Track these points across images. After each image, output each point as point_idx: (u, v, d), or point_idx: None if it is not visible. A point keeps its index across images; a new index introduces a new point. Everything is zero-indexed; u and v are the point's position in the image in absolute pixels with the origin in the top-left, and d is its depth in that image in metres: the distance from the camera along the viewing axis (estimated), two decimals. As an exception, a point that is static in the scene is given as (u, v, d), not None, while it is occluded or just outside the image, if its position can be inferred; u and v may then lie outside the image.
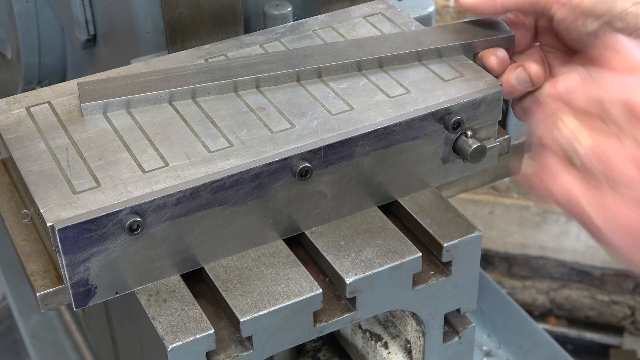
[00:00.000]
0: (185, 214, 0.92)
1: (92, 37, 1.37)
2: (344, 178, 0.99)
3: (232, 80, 1.04)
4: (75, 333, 1.69)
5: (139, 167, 0.94)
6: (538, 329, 1.71)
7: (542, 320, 3.18)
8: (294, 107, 1.02)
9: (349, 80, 1.06)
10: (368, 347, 1.17)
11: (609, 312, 3.14)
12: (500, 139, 1.08)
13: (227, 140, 0.97)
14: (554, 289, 3.16)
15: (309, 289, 0.95)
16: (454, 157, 1.05)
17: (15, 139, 0.99)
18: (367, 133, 0.98)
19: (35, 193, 0.91)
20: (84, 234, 0.88)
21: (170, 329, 0.91)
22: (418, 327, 1.08)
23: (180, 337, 0.90)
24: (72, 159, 0.95)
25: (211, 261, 0.97)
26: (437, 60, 1.09)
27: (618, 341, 3.14)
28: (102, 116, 1.02)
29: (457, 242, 1.01)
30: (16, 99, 1.05)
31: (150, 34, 1.23)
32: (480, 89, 1.04)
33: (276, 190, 0.96)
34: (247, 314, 0.92)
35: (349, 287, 0.96)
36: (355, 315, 0.98)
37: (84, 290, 0.91)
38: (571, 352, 1.72)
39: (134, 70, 1.09)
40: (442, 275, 1.03)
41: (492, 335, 1.72)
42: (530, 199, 2.79)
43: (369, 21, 1.18)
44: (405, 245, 1.00)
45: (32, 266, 0.93)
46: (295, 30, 1.16)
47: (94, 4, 1.33)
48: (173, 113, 1.02)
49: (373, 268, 0.97)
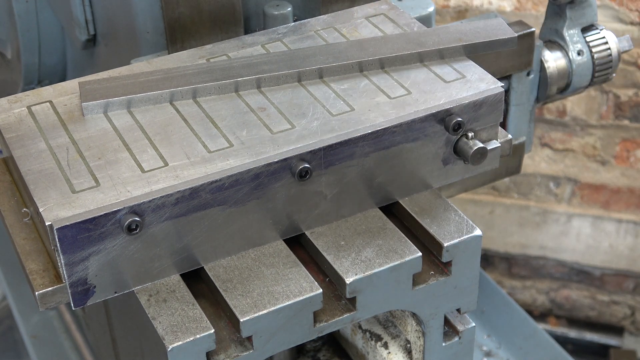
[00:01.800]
0: (185, 214, 0.92)
1: (92, 37, 1.37)
2: (344, 179, 0.99)
3: (233, 80, 1.04)
4: (75, 333, 1.69)
5: (139, 166, 0.94)
6: (538, 329, 1.71)
7: (542, 320, 3.18)
8: (295, 108, 1.02)
9: (350, 81, 1.06)
10: (368, 347, 1.17)
11: (609, 312, 3.14)
12: (501, 141, 1.08)
13: (227, 141, 0.97)
14: (554, 289, 3.16)
15: (309, 289, 0.95)
16: (454, 159, 1.05)
17: (16, 138, 0.99)
18: (368, 134, 0.98)
19: (34, 192, 0.91)
20: (83, 233, 0.88)
21: (170, 329, 0.91)
22: (418, 327, 1.08)
23: (180, 337, 0.90)
24: (72, 158, 0.95)
25: (211, 261, 0.97)
26: (438, 62, 1.09)
27: (618, 341, 3.14)
28: (102, 115, 1.02)
29: (457, 242, 1.01)
30: (17, 98, 1.05)
31: (150, 34, 1.23)
32: (481, 90, 1.04)
33: (276, 191, 0.96)
34: (247, 314, 0.92)
35: (349, 287, 0.96)
36: (355, 315, 0.98)
37: (83, 289, 0.91)
38: (571, 352, 1.72)
39: (135, 70, 1.09)
40: (442, 275, 1.03)
41: (492, 335, 1.72)
42: (530, 198, 2.79)
43: (372, 22, 1.17)
44: (405, 245, 1.00)
45: (31, 265, 0.93)
46: (298, 31, 1.16)
47: (94, 4, 1.33)
48: (174, 113, 1.02)
49: (373, 268, 0.97)
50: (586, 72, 1.49)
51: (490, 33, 1.10)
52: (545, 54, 1.47)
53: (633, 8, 2.63)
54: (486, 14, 1.80)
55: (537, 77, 1.47)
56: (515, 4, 2.70)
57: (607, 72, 1.51)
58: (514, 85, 1.46)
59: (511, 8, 2.70)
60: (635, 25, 2.65)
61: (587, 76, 1.49)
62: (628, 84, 2.77)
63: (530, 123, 1.52)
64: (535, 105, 1.51)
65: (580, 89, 1.52)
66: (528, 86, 1.47)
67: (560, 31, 1.48)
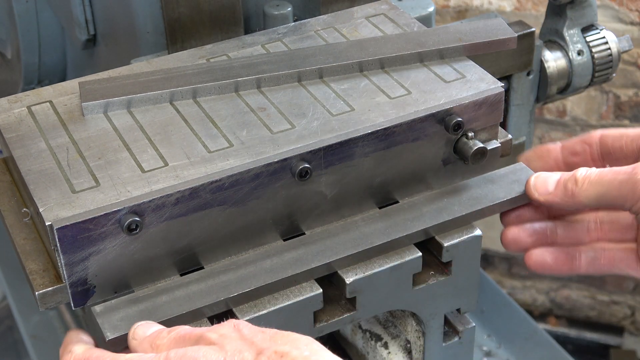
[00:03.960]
0: (185, 214, 0.92)
1: (92, 37, 1.37)
2: (344, 179, 0.99)
3: (233, 80, 1.04)
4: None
5: (139, 166, 0.94)
6: (538, 329, 1.70)
7: (542, 320, 3.18)
8: (295, 108, 1.02)
9: (350, 81, 1.06)
10: (368, 347, 1.17)
11: (609, 312, 3.14)
12: (501, 141, 1.08)
13: (227, 141, 0.97)
14: (554, 289, 3.16)
15: (309, 289, 0.95)
16: (454, 159, 1.05)
17: (16, 138, 0.99)
18: (368, 134, 0.98)
19: (34, 192, 0.91)
20: (83, 233, 0.88)
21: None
22: (418, 327, 1.08)
23: (180, 337, 0.90)
24: (72, 158, 0.95)
25: (211, 262, 0.97)
26: (438, 62, 1.09)
27: (618, 341, 3.14)
28: (102, 115, 1.02)
29: (457, 242, 1.01)
30: (17, 98, 1.05)
31: (150, 34, 1.23)
32: (481, 90, 1.04)
33: (276, 191, 0.96)
34: (247, 314, 0.92)
35: (349, 287, 0.96)
36: (355, 315, 0.98)
37: (83, 289, 0.91)
38: (571, 352, 1.72)
39: (136, 69, 1.09)
40: (442, 275, 1.03)
41: (492, 335, 1.71)
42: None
43: (372, 22, 1.17)
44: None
45: (31, 265, 0.93)
46: (298, 31, 1.16)
47: (94, 4, 1.33)
48: (174, 113, 1.02)
49: (373, 268, 0.97)
50: (586, 72, 1.49)
51: (490, 33, 1.10)
52: (545, 54, 1.47)
53: (633, 8, 2.63)
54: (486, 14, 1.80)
55: (537, 77, 1.47)
56: (515, 4, 2.70)
57: (607, 72, 1.51)
58: (514, 85, 1.46)
59: (511, 8, 2.70)
60: (635, 25, 2.65)
61: (587, 76, 1.49)
62: (628, 84, 2.77)
63: (530, 123, 1.52)
64: (535, 105, 1.51)
65: (580, 89, 1.52)
66: (528, 86, 1.47)
67: (560, 31, 1.48)
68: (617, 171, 0.94)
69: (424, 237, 1.01)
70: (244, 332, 0.78)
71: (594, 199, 0.95)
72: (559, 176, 0.99)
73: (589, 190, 0.95)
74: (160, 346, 0.81)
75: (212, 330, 0.80)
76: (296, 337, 0.77)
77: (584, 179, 0.95)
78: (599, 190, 0.95)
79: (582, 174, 0.96)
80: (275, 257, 0.96)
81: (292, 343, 0.76)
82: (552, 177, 1.00)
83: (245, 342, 0.77)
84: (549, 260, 1.05)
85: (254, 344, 0.77)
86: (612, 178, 0.94)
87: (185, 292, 0.92)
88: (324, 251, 0.96)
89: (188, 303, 0.91)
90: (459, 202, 1.03)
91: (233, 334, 0.78)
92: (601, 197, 0.95)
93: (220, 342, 0.77)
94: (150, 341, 0.82)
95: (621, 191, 0.93)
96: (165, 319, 0.89)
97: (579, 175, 0.96)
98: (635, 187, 0.93)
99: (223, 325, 0.80)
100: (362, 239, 0.98)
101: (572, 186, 0.96)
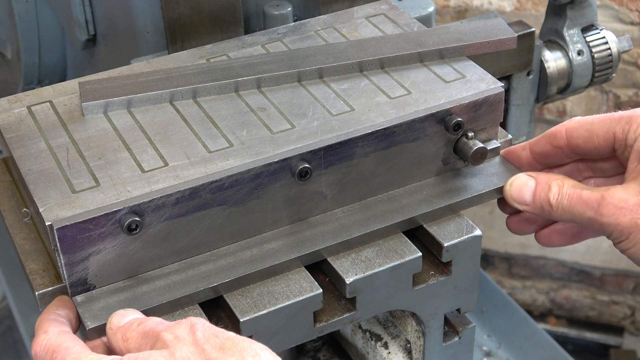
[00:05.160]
0: (184, 214, 0.92)
1: (92, 37, 1.37)
2: (344, 179, 0.99)
3: (233, 80, 1.04)
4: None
5: (139, 166, 0.94)
6: (538, 329, 1.71)
7: (542, 320, 3.18)
8: (295, 108, 1.02)
9: (350, 81, 1.06)
10: (368, 347, 1.17)
11: (609, 312, 3.14)
12: (501, 141, 1.08)
13: (227, 141, 0.97)
14: (554, 289, 3.16)
15: (309, 289, 0.95)
16: (454, 159, 1.05)
17: (16, 138, 0.99)
18: (368, 134, 0.98)
19: (34, 192, 0.91)
20: (83, 233, 0.88)
21: (170, 329, 0.91)
22: (418, 327, 1.08)
23: (180, 337, 0.90)
24: (72, 158, 0.95)
25: (211, 261, 0.97)
26: (438, 62, 1.09)
27: (618, 341, 3.14)
28: (102, 115, 1.02)
29: (457, 242, 1.01)
30: (17, 98, 1.05)
31: (150, 34, 1.23)
32: (481, 90, 1.04)
33: (276, 191, 0.96)
34: (247, 314, 0.92)
35: (349, 287, 0.96)
36: (355, 315, 0.98)
37: (83, 289, 0.91)
38: (571, 352, 1.72)
39: (135, 69, 1.09)
40: (442, 275, 1.03)
41: (492, 335, 1.72)
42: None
43: (372, 22, 1.17)
44: (405, 245, 1.00)
45: (31, 265, 0.93)
46: (298, 31, 1.16)
47: (94, 4, 1.33)
48: (174, 113, 1.02)
49: (373, 268, 0.97)
50: (586, 72, 1.49)
51: (490, 33, 1.10)
52: (545, 54, 1.47)
53: (633, 8, 2.63)
54: (486, 14, 1.80)
55: (537, 77, 1.47)
56: (515, 4, 2.70)
57: (607, 72, 1.51)
58: (514, 85, 1.46)
59: (511, 8, 2.70)
60: (635, 25, 2.66)
61: (587, 76, 1.49)
62: (628, 84, 2.77)
63: (530, 123, 1.52)
64: (535, 105, 1.51)
65: (580, 89, 1.52)
66: (528, 86, 1.47)
67: (560, 31, 1.48)
68: (586, 201, 0.97)
69: (407, 227, 1.02)
70: (198, 336, 0.80)
71: (569, 219, 1.00)
72: (534, 185, 1.01)
73: (563, 216, 0.99)
74: (129, 339, 0.84)
75: (169, 329, 0.81)
76: (245, 346, 0.79)
77: (557, 205, 0.99)
78: (573, 216, 0.99)
79: (555, 199, 0.99)
80: (255, 249, 0.96)
81: (239, 354, 0.78)
82: (527, 186, 1.02)
83: (197, 348, 0.79)
84: (557, 237, 1.10)
85: (204, 352, 0.78)
86: (581, 211, 0.97)
87: (166, 282, 0.93)
88: (303, 242, 0.97)
89: (168, 293, 0.92)
90: (438, 193, 1.03)
91: (187, 337, 0.80)
92: (575, 219, 0.99)
93: (173, 347, 0.79)
94: (122, 332, 0.85)
95: (589, 218, 0.98)
96: (145, 308, 0.90)
97: (553, 200, 0.99)
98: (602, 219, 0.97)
99: (181, 324, 0.81)
100: (340, 230, 0.99)
101: (547, 208, 1.00)
